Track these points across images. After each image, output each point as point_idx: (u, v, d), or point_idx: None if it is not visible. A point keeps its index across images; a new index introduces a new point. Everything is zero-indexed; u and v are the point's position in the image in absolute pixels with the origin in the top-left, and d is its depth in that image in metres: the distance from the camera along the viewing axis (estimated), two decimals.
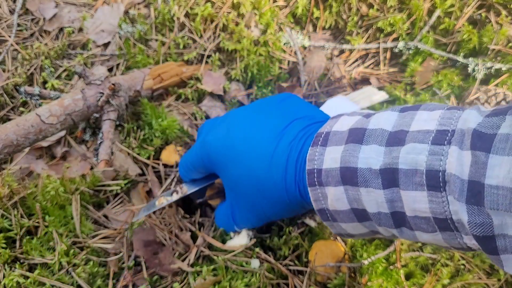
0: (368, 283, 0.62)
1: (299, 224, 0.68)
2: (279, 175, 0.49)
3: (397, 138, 0.39)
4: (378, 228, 0.43)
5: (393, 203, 0.39)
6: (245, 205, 0.56)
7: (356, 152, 0.41)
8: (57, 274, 0.62)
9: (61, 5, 0.98)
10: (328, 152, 0.44)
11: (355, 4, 0.92)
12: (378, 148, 0.40)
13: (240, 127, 0.55)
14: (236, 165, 0.53)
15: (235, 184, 0.55)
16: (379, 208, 0.41)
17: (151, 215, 0.69)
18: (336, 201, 0.44)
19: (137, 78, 0.81)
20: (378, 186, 0.39)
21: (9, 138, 0.64)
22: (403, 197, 0.38)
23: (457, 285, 0.61)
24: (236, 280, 0.62)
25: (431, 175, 0.36)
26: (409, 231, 0.41)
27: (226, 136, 0.55)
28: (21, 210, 0.67)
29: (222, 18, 0.91)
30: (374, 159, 0.40)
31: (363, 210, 0.43)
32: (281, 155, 0.49)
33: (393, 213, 0.40)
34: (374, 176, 0.40)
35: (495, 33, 0.84)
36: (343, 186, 0.42)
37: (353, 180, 0.41)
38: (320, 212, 0.47)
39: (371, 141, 0.41)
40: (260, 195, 0.52)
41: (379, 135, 0.41)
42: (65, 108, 0.70)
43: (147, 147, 0.78)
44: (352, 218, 0.44)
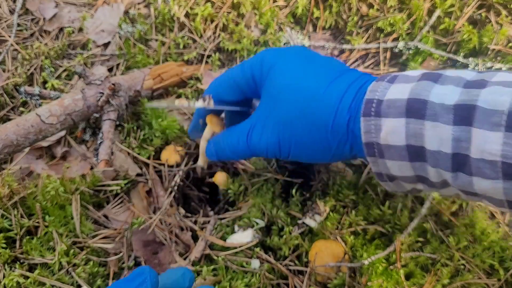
0: (368, 283, 0.62)
1: (299, 224, 0.68)
2: (334, 95, 0.46)
3: (477, 83, 0.38)
4: (430, 170, 0.41)
5: (459, 142, 0.37)
6: (276, 120, 0.50)
7: (429, 87, 0.40)
8: (57, 274, 0.62)
9: (61, 5, 0.98)
10: (395, 86, 0.42)
11: (355, 4, 0.92)
12: (454, 88, 0.38)
13: (302, 60, 0.51)
14: (292, 73, 0.50)
15: (281, 92, 0.50)
16: (440, 147, 0.38)
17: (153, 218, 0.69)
18: (392, 134, 0.41)
19: (137, 78, 0.81)
20: (447, 121, 0.37)
21: (9, 138, 0.64)
22: (474, 136, 0.36)
23: (457, 285, 0.61)
24: (236, 280, 0.62)
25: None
26: (466, 177, 0.39)
27: (285, 52, 0.52)
28: (21, 210, 0.67)
29: (222, 18, 0.91)
30: (448, 96, 0.38)
31: (421, 147, 0.40)
32: (343, 81, 0.47)
33: (455, 155, 0.38)
34: (445, 111, 0.37)
35: (495, 33, 0.84)
36: (406, 119, 0.40)
37: (420, 112, 0.39)
38: (368, 146, 0.44)
39: (447, 82, 0.40)
40: (302, 112, 0.48)
41: (456, 79, 0.40)
42: (65, 108, 0.70)
43: (147, 147, 0.78)
44: (404, 155, 0.42)
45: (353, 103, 0.46)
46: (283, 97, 0.49)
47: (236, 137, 0.55)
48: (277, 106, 0.50)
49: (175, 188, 0.74)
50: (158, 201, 0.73)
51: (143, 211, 0.71)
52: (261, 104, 0.53)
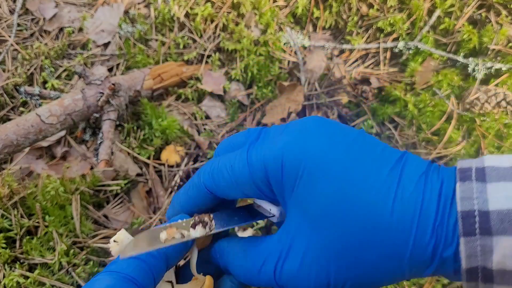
0: None
1: None
2: (408, 215, 0.34)
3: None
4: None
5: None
6: (324, 249, 0.36)
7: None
8: (57, 274, 0.62)
9: (61, 5, 0.98)
10: (496, 188, 0.33)
11: (355, 4, 0.92)
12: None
13: (338, 138, 0.37)
14: (338, 183, 0.35)
15: (326, 211, 0.36)
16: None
17: (152, 217, 0.69)
18: (511, 257, 0.32)
19: (137, 78, 0.81)
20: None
21: (9, 138, 0.64)
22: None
23: (457, 285, 0.61)
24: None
25: None
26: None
27: (321, 140, 0.37)
28: (21, 210, 0.67)
29: (222, 18, 0.91)
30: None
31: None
32: (412, 189, 0.34)
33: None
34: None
35: (495, 33, 0.84)
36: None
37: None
38: (469, 271, 0.33)
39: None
40: (364, 239, 0.35)
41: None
42: (65, 108, 0.70)
43: (147, 147, 0.78)
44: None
45: (437, 217, 0.34)
46: (333, 216, 0.35)
47: (258, 265, 0.38)
48: (322, 228, 0.36)
49: (175, 188, 0.74)
50: (158, 201, 0.73)
51: (143, 211, 0.71)
52: (293, 222, 0.38)
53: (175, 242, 0.37)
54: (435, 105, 0.81)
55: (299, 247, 0.37)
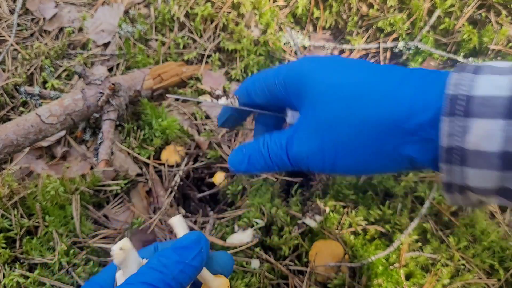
0: (368, 283, 0.62)
1: (299, 224, 0.68)
2: (391, 84, 0.40)
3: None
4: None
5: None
6: (321, 122, 0.43)
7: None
8: (57, 274, 0.62)
9: (61, 5, 0.98)
10: (485, 79, 0.36)
11: (355, 4, 0.92)
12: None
13: (355, 66, 0.44)
14: (339, 71, 0.43)
15: (322, 93, 0.43)
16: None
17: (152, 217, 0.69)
18: (485, 138, 0.35)
19: (137, 78, 0.81)
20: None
21: (9, 138, 0.64)
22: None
23: (457, 285, 0.61)
24: (236, 280, 0.62)
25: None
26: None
27: (330, 58, 0.46)
28: (21, 210, 0.67)
29: (222, 18, 0.91)
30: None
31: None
32: (401, 71, 0.41)
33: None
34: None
35: (495, 33, 0.84)
36: (506, 121, 0.34)
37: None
38: (447, 151, 0.37)
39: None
40: (351, 109, 0.41)
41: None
42: (65, 108, 0.70)
43: (147, 147, 0.78)
44: (495, 164, 0.36)
45: (418, 87, 0.39)
46: (330, 95, 0.42)
47: (274, 145, 0.47)
48: (321, 106, 0.43)
49: (175, 188, 0.74)
50: (158, 201, 0.73)
51: (143, 211, 0.71)
52: (303, 109, 0.46)
53: (206, 100, 0.50)
54: None
55: (304, 127, 0.45)
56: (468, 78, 0.36)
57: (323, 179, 0.72)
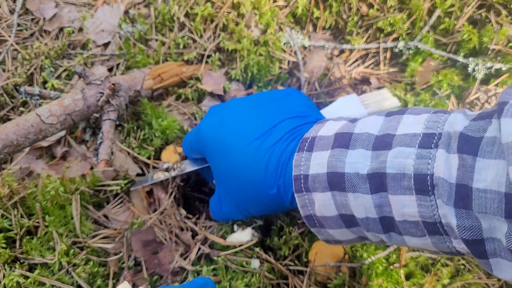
0: (368, 283, 0.62)
1: (299, 224, 0.68)
2: (259, 173, 0.50)
3: (383, 142, 0.39)
4: (367, 233, 0.43)
5: (381, 208, 0.39)
6: (229, 197, 0.57)
7: (343, 157, 0.41)
8: (57, 274, 0.62)
9: (61, 5, 0.98)
10: (314, 157, 0.44)
11: (355, 4, 0.92)
12: (365, 152, 0.40)
13: (232, 119, 0.55)
14: (223, 157, 0.53)
15: (222, 176, 0.56)
16: (367, 213, 0.40)
17: (152, 217, 0.69)
18: (324, 207, 0.43)
19: (137, 78, 0.81)
20: (366, 191, 0.39)
21: (9, 138, 0.64)
22: (392, 202, 0.38)
23: (457, 285, 0.61)
24: (236, 280, 0.62)
25: (419, 179, 0.36)
26: (398, 236, 0.40)
27: (218, 126, 0.55)
28: (21, 210, 0.67)
29: (222, 18, 0.91)
30: (361, 164, 0.39)
31: (351, 215, 0.42)
32: (264, 154, 0.50)
33: (382, 218, 0.40)
34: (361, 181, 0.39)
35: (495, 33, 0.84)
36: (331, 192, 0.42)
37: (340, 185, 0.41)
38: (307, 219, 0.47)
39: (357, 145, 0.41)
40: (241, 190, 0.53)
41: (366, 139, 0.40)
42: (65, 108, 0.70)
43: (147, 147, 0.78)
44: (340, 224, 0.44)
45: (277, 178, 0.49)
46: (225, 182, 0.56)
47: (216, 208, 0.63)
48: (223, 187, 0.58)
49: (176, 189, 0.74)
50: (158, 202, 0.73)
51: (143, 211, 0.71)
52: (215, 179, 0.60)
53: (161, 179, 0.70)
54: (435, 105, 0.81)
55: (221, 196, 0.61)
56: (304, 157, 0.45)
57: None
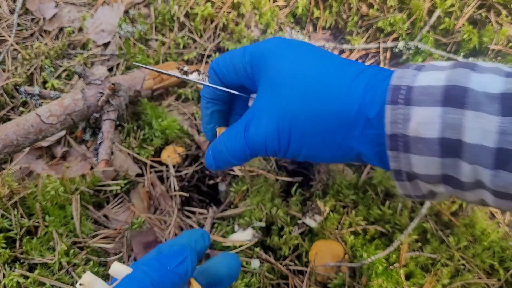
0: (368, 283, 0.62)
1: (299, 224, 0.68)
2: (345, 80, 0.42)
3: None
4: (463, 168, 0.37)
5: (505, 136, 0.33)
6: (276, 106, 0.45)
7: (468, 75, 0.36)
8: (57, 274, 0.62)
9: (61, 5, 0.98)
10: (425, 74, 0.38)
11: (355, 4, 0.92)
12: (495, 77, 0.35)
13: (312, 47, 0.47)
14: (296, 60, 0.45)
15: (284, 79, 0.45)
16: (483, 140, 0.35)
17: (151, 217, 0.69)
18: (425, 125, 0.37)
19: (137, 78, 0.81)
20: (493, 111, 0.34)
21: (9, 138, 0.64)
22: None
23: (457, 285, 0.61)
24: (236, 280, 0.62)
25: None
26: (509, 176, 0.34)
27: (294, 42, 0.48)
28: (21, 210, 0.67)
29: (222, 18, 0.91)
30: (491, 84, 0.35)
31: (457, 140, 0.36)
32: (355, 67, 0.43)
33: (499, 150, 0.34)
34: (490, 101, 0.34)
35: (495, 33, 0.84)
36: (442, 108, 0.36)
37: (460, 100, 0.35)
38: (391, 138, 0.39)
39: (485, 71, 0.36)
40: (306, 98, 0.43)
41: (494, 69, 0.36)
42: (65, 108, 0.70)
43: (147, 147, 0.78)
44: (435, 150, 0.37)
45: (368, 85, 0.41)
46: (291, 83, 0.44)
47: (233, 135, 0.48)
48: (279, 92, 0.45)
49: (176, 189, 0.74)
50: (158, 201, 0.73)
51: (143, 211, 0.71)
52: (260, 93, 0.47)
53: (175, 73, 0.51)
54: None
55: (260, 112, 0.46)
56: (411, 73, 0.39)
57: (323, 179, 0.72)
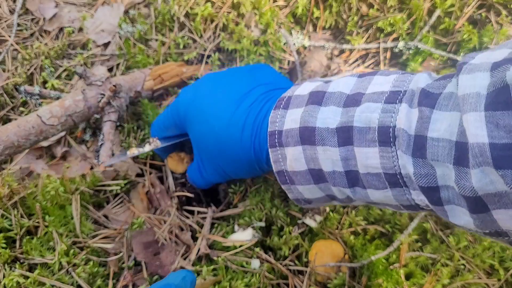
0: (368, 283, 0.62)
1: (299, 224, 0.68)
2: (236, 134, 0.52)
3: (354, 100, 0.42)
4: (333, 189, 0.45)
5: (347, 161, 0.41)
6: (208, 161, 0.59)
7: (315, 113, 0.43)
8: (57, 274, 0.62)
9: (61, 5, 0.98)
10: (289, 114, 0.46)
11: (355, 4, 0.92)
12: (336, 109, 0.42)
13: (206, 89, 0.58)
14: (200, 123, 0.56)
15: (199, 140, 0.58)
16: (334, 167, 0.42)
17: (151, 217, 0.70)
18: (295, 161, 0.45)
19: (137, 79, 0.81)
20: (334, 144, 0.41)
21: (10, 139, 0.64)
22: (357, 154, 0.40)
23: (457, 285, 0.61)
24: (236, 280, 0.62)
25: (382, 131, 0.38)
26: (362, 190, 0.42)
27: (194, 96, 0.58)
28: (21, 210, 0.67)
29: (222, 18, 0.91)
30: (331, 119, 0.42)
31: (319, 170, 0.44)
32: (240, 116, 0.52)
33: (347, 172, 0.42)
34: (330, 135, 0.41)
35: (495, 33, 0.84)
36: (302, 146, 0.44)
37: (311, 139, 0.43)
38: (279, 175, 0.49)
39: (329, 102, 0.43)
40: (219, 152, 0.56)
41: (338, 97, 0.43)
42: (66, 109, 0.70)
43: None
44: (309, 179, 0.46)
45: (252, 137, 0.51)
46: (203, 146, 0.58)
47: (196, 175, 0.64)
48: (201, 152, 0.60)
49: (176, 188, 0.74)
50: (158, 201, 0.73)
51: (143, 211, 0.71)
52: (193, 146, 0.62)
53: (135, 155, 0.66)
54: None
55: (199, 161, 0.62)
56: (280, 115, 0.47)
57: None
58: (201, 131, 0.56)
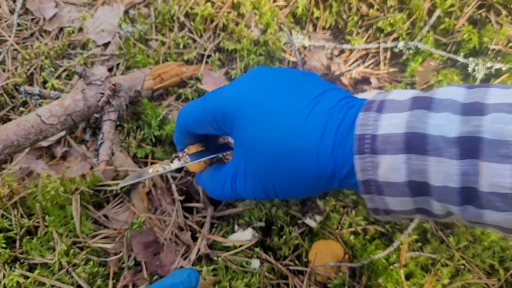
0: (368, 283, 0.62)
1: (299, 224, 0.68)
2: (311, 142, 0.43)
3: (474, 108, 0.36)
4: (434, 204, 0.39)
5: (466, 176, 0.35)
6: (255, 174, 0.48)
7: (425, 118, 0.37)
8: (57, 274, 0.62)
9: (61, 5, 0.98)
10: (386, 118, 0.40)
11: (355, 4, 0.92)
12: (452, 116, 0.36)
13: (267, 88, 0.47)
14: (258, 125, 0.46)
15: (251, 149, 0.47)
16: (446, 182, 0.36)
17: (151, 217, 0.70)
18: (391, 171, 0.39)
19: (137, 78, 0.81)
20: (452, 156, 0.35)
21: (9, 139, 0.64)
22: (483, 170, 0.35)
23: (457, 285, 0.61)
24: (236, 280, 0.62)
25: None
26: (476, 210, 0.37)
27: (251, 91, 0.48)
28: (21, 210, 0.67)
29: (222, 18, 0.91)
30: (447, 127, 0.36)
31: (424, 183, 0.38)
32: (318, 121, 0.43)
33: (463, 188, 0.36)
34: (448, 145, 0.36)
35: (495, 33, 0.84)
36: (406, 155, 0.38)
37: (421, 147, 0.37)
38: (364, 184, 0.42)
39: (441, 109, 0.37)
40: (278, 163, 0.45)
41: (450, 104, 0.37)
42: (65, 108, 0.70)
43: (146, 146, 0.78)
44: (405, 192, 0.40)
45: (335, 145, 0.43)
46: (254, 154, 0.47)
47: (221, 184, 0.54)
48: (249, 160, 0.48)
49: (175, 188, 0.74)
50: (158, 202, 0.73)
51: (143, 211, 0.71)
52: (236, 152, 0.51)
53: (160, 173, 0.55)
54: None
55: (241, 170, 0.50)
56: (373, 117, 0.41)
57: None
58: (258, 138, 0.46)
